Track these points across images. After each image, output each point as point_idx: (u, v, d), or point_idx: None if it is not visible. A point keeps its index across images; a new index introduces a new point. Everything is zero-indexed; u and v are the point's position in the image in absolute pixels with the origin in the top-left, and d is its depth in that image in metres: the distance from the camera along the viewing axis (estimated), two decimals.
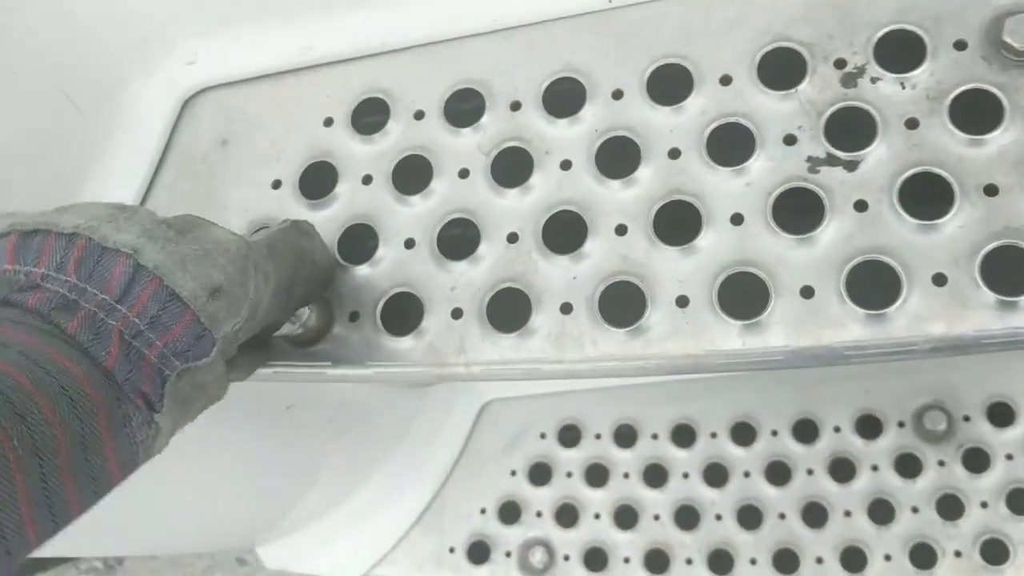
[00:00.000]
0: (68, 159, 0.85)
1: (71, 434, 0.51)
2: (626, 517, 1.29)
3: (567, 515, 1.32)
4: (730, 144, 0.72)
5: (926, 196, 0.66)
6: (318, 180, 0.82)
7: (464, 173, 0.78)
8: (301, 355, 0.78)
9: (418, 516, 1.36)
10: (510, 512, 1.34)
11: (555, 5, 0.78)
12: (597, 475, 1.33)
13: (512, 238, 0.76)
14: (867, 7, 0.71)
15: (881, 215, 0.66)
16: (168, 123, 0.87)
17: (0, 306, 0.56)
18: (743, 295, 0.69)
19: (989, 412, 1.21)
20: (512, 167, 0.77)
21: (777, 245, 0.68)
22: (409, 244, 0.78)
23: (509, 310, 0.74)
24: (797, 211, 0.69)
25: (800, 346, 0.67)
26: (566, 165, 0.76)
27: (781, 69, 0.72)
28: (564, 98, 0.77)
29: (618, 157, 0.74)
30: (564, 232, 0.75)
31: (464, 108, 0.80)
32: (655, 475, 1.30)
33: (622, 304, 0.72)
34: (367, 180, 0.81)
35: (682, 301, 0.70)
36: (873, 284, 0.66)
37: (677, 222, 0.72)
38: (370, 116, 0.82)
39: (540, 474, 1.35)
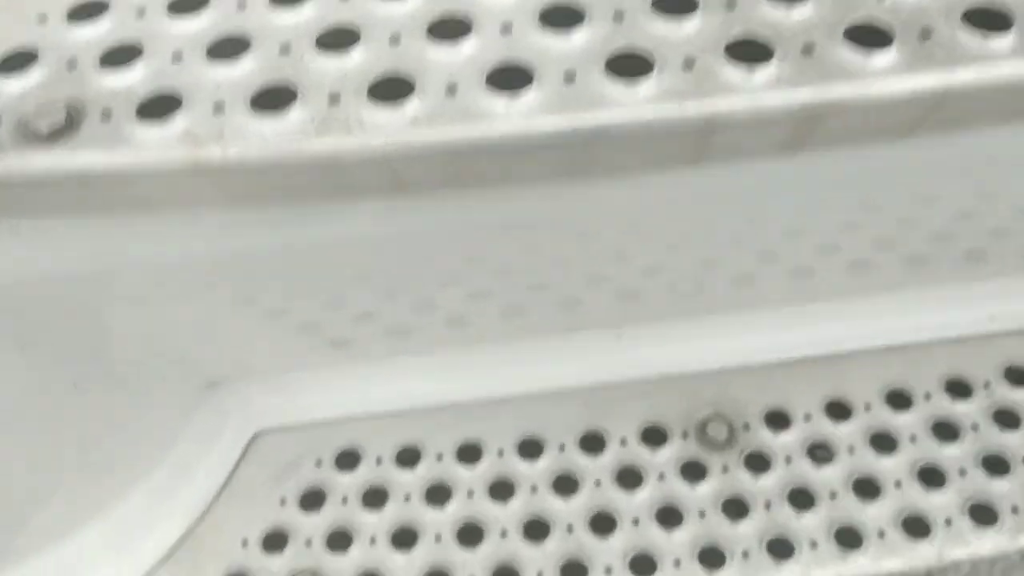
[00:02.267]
0: None
1: None
2: (404, 538, 1.18)
3: (341, 542, 1.19)
4: None
5: None
6: None
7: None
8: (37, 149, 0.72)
9: (168, 551, 1.20)
10: (275, 542, 1.20)
11: None
12: (375, 498, 1.22)
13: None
14: None
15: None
16: None
17: None
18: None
19: (767, 420, 1.23)
20: None
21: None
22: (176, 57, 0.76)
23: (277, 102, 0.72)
24: None
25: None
26: None
27: None
28: None
29: None
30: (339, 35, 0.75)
31: None
32: (438, 495, 1.21)
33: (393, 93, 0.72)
34: None
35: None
36: None
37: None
38: None
39: (313, 501, 1.23)
